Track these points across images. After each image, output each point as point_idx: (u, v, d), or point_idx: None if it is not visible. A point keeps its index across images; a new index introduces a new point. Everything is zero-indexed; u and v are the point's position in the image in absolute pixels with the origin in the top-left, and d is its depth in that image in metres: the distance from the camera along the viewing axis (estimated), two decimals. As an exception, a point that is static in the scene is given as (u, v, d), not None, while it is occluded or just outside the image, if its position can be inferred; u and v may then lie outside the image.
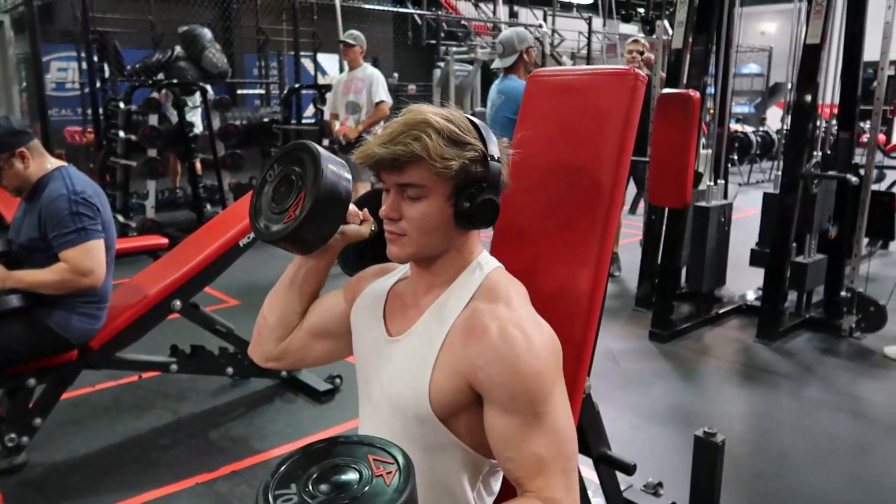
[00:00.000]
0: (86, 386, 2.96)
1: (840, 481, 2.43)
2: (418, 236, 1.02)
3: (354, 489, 0.79)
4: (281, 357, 1.22)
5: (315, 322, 1.21)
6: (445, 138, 0.98)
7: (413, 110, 1.02)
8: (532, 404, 0.95)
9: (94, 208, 2.28)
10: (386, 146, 0.98)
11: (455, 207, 1.01)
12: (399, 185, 1.01)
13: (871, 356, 3.51)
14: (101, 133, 6.12)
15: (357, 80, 5.12)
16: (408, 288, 1.12)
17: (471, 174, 1.00)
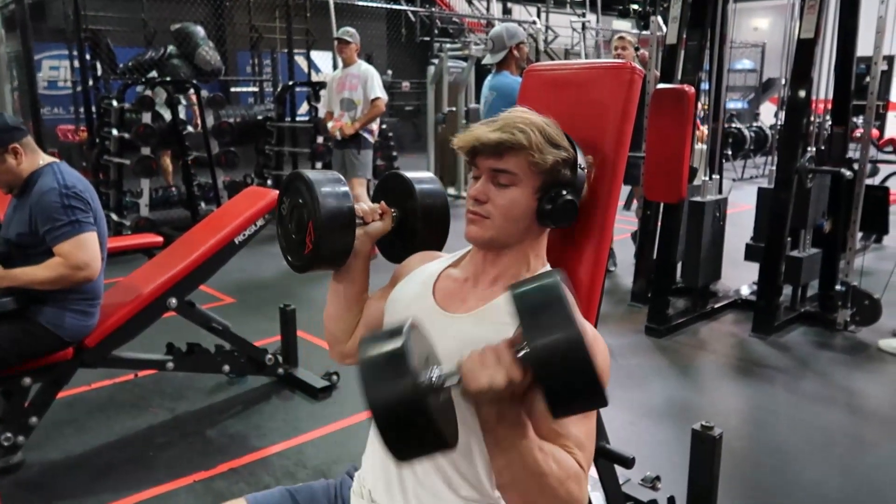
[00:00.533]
0: (81, 385, 2.94)
1: (836, 474, 2.44)
2: (501, 221, 1.11)
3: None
4: (352, 354, 1.31)
5: (370, 319, 1.29)
6: (545, 136, 1.09)
7: (519, 109, 1.14)
8: None
9: (85, 202, 2.26)
10: (495, 132, 1.08)
11: (539, 203, 1.11)
12: (493, 171, 1.10)
13: (865, 349, 3.53)
14: (95, 131, 6.10)
15: (352, 77, 5.10)
16: (465, 273, 1.18)
17: (559, 175, 1.11)
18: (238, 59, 10.65)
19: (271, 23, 9.98)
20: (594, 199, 1.23)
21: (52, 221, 2.19)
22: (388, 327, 0.89)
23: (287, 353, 3.09)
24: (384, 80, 5.37)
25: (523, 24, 11.48)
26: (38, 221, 2.20)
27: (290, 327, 3.10)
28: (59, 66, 9.46)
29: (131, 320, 2.52)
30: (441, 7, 13.05)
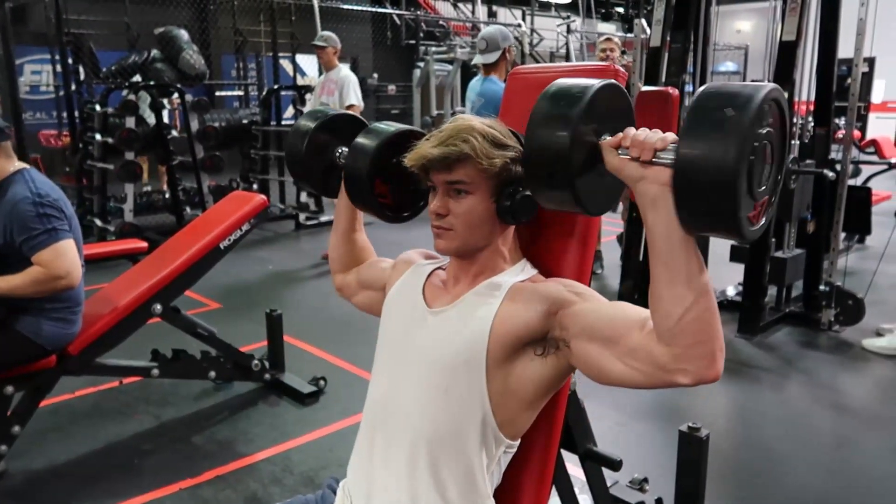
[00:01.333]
0: (65, 392, 2.91)
1: (823, 474, 2.46)
2: (464, 230, 1.15)
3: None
4: (341, 288, 1.51)
5: (364, 275, 1.45)
6: (489, 141, 1.11)
7: (460, 118, 1.16)
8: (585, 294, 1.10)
9: (58, 209, 2.22)
10: (437, 147, 1.11)
11: (497, 203, 1.13)
12: (447, 183, 1.14)
13: (850, 349, 3.56)
14: (78, 136, 6.05)
15: (330, 82, 5.11)
16: (448, 275, 1.24)
17: (511, 173, 1.12)
18: (223, 62, 10.59)
19: (255, 26, 9.94)
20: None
21: (27, 231, 2.15)
22: (573, 89, 0.95)
23: (274, 359, 3.07)
24: (370, 84, 5.37)
25: (508, 26, 11.53)
26: (14, 231, 2.16)
27: (276, 332, 3.08)
28: (41, 71, 9.36)
29: (115, 327, 2.49)
30: (426, 10, 13.06)
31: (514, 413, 1.12)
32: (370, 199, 1.29)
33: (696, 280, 0.89)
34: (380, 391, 1.22)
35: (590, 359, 1.02)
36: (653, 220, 0.90)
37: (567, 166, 0.92)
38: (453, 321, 1.16)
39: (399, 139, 1.27)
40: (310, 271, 5.31)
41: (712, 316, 0.89)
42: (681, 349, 0.89)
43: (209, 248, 2.69)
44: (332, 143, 1.41)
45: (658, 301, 0.91)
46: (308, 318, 3.93)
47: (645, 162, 0.89)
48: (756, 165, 0.83)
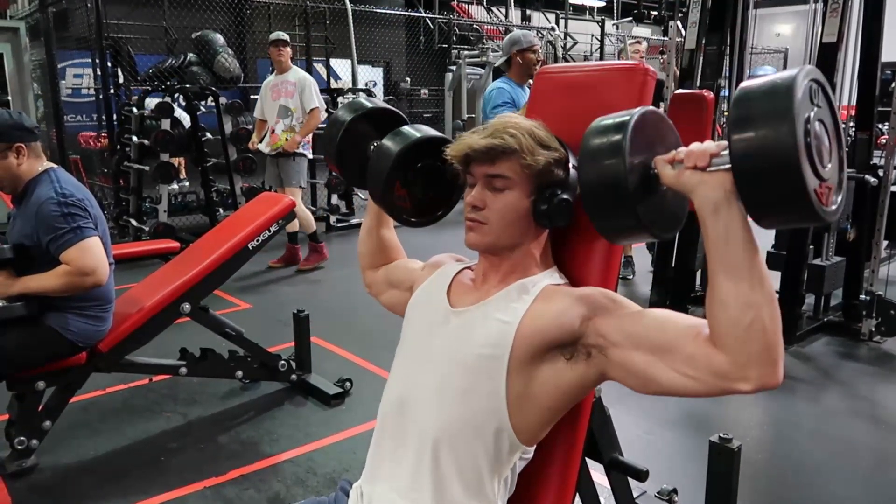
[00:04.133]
0: (96, 389, 2.95)
1: (860, 490, 2.37)
2: (498, 226, 1.13)
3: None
4: (370, 285, 1.51)
5: (393, 274, 1.45)
6: (535, 139, 1.12)
7: (507, 115, 1.17)
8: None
9: (82, 208, 2.25)
10: (484, 139, 1.11)
11: (535, 204, 1.13)
12: (488, 176, 1.13)
13: (891, 361, 3.44)
14: (115, 138, 6.17)
15: (287, 84, 5.05)
16: (477, 273, 1.23)
17: (552, 175, 1.13)
18: (258, 66, 10.72)
19: (291, 30, 10.06)
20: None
21: (53, 231, 2.19)
22: (615, 120, 0.97)
23: (300, 359, 3.08)
24: (402, 88, 5.36)
25: (542, 30, 11.47)
26: (41, 232, 2.20)
27: (303, 333, 3.09)
28: (82, 74, 9.59)
29: (144, 325, 2.52)
30: (459, 14, 13.07)
31: (531, 420, 1.09)
32: (388, 199, 1.29)
33: (762, 285, 0.88)
34: (396, 391, 1.21)
35: (634, 367, 0.98)
36: (714, 226, 0.88)
37: (624, 191, 0.91)
38: (478, 320, 1.13)
39: (425, 145, 1.27)
40: (339, 273, 5.33)
41: (777, 321, 0.88)
42: (745, 357, 0.87)
43: (238, 249, 2.71)
44: (368, 135, 1.40)
45: (722, 308, 0.88)
46: (336, 320, 3.93)
47: (702, 169, 0.89)
48: (815, 144, 0.82)
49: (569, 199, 1.13)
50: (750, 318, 0.86)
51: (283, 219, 2.87)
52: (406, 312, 1.28)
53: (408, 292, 1.35)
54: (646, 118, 0.96)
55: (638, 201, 0.93)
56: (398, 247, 1.51)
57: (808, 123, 0.81)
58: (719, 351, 0.89)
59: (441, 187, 1.32)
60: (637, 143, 0.93)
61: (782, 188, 0.80)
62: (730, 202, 0.86)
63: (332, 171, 6.60)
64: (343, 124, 1.39)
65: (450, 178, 1.30)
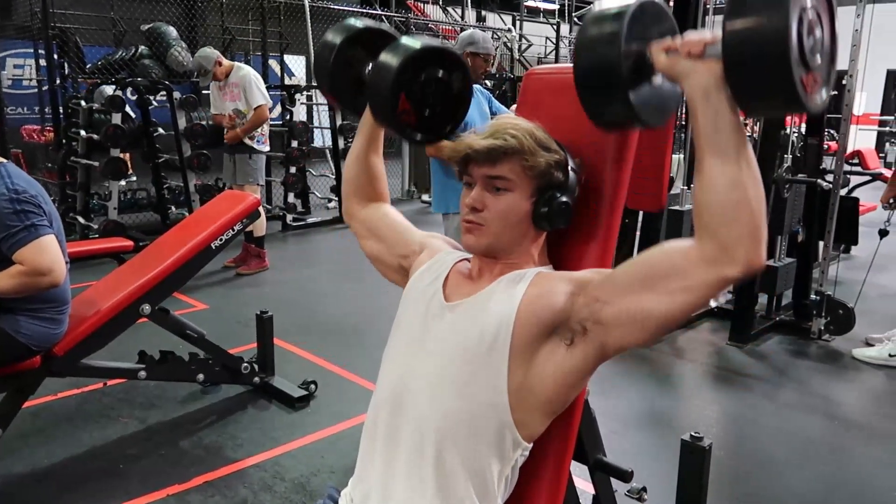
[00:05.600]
0: (47, 394, 2.83)
1: (819, 483, 2.45)
2: (498, 227, 1.12)
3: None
4: (351, 216, 1.44)
5: (380, 225, 1.39)
6: (536, 140, 1.11)
7: (506, 116, 1.17)
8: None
9: (36, 205, 2.13)
10: (486, 139, 1.10)
11: (534, 206, 1.12)
12: (488, 178, 1.12)
13: (840, 358, 3.57)
14: (62, 132, 5.93)
15: (232, 87, 4.96)
16: (473, 267, 1.20)
17: (552, 178, 1.12)
18: (210, 61, 10.46)
19: (244, 25, 9.85)
20: (599, 204, 1.21)
21: (6, 229, 2.06)
22: (613, 7, 0.96)
23: (263, 362, 3.01)
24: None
25: (498, 31, 11.54)
26: None
27: (266, 334, 3.02)
28: (23, 65, 9.21)
29: (103, 327, 2.42)
30: (415, 13, 13.03)
31: (532, 413, 1.08)
32: (391, 115, 1.24)
33: (749, 166, 0.90)
34: (390, 385, 1.17)
35: (629, 313, 0.99)
36: (704, 111, 0.91)
37: (618, 77, 0.93)
38: (474, 311, 1.12)
39: (427, 55, 1.23)
40: (297, 273, 5.25)
41: (762, 202, 0.91)
42: (734, 237, 0.90)
43: (200, 248, 2.63)
44: (361, 57, 1.35)
45: (711, 191, 0.91)
46: (297, 321, 3.87)
47: (695, 56, 0.91)
48: (806, 32, 0.83)
49: (568, 201, 1.13)
50: (737, 197, 0.90)
51: (248, 217, 2.80)
52: (401, 301, 1.25)
53: (395, 258, 1.34)
54: (644, 7, 0.96)
55: (630, 88, 0.94)
56: (384, 178, 1.46)
57: (804, 12, 0.82)
58: (706, 240, 0.92)
59: (447, 101, 1.28)
60: (634, 31, 0.94)
61: (769, 75, 0.82)
62: (719, 88, 0.89)
63: (289, 167, 6.50)
64: (334, 48, 1.31)
65: (456, 91, 1.27)
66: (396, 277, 1.34)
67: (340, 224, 6.95)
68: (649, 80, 0.97)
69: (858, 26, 3.49)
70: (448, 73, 1.26)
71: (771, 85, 0.83)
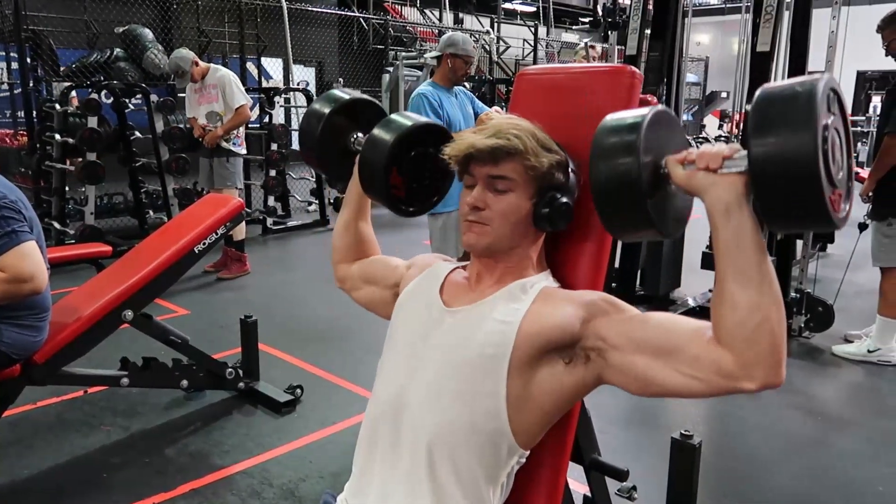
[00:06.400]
0: (26, 403, 2.77)
1: (804, 477, 2.48)
2: (499, 227, 1.12)
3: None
4: (343, 279, 1.45)
5: (369, 270, 1.41)
6: (538, 141, 1.11)
7: (507, 116, 1.17)
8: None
9: (16, 210, 2.08)
10: (489, 139, 1.09)
11: (535, 207, 1.12)
12: (490, 177, 1.11)
13: (820, 355, 3.62)
14: (36, 136, 5.82)
15: (209, 88, 4.91)
16: (471, 273, 1.20)
17: (553, 179, 1.12)
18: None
19: (220, 27, 9.76)
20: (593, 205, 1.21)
21: None
22: (628, 118, 0.97)
23: (248, 367, 2.98)
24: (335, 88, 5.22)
25: (475, 33, 11.56)
26: None
27: (251, 339, 2.99)
28: (-6, 68, 9.03)
29: (84, 334, 2.37)
30: (392, 15, 13.02)
31: (529, 422, 1.08)
32: (384, 190, 1.26)
33: (771, 288, 0.89)
34: (387, 393, 1.16)
35: (635, 370, 0.98)
36: (725, 228, 0.89)
37: (637, 189, 0.92)
38: (476, 320, 1.11)
39: (418, 132, 1.26)
40: (279, 277, 5.21)
41: (783, 323, 0.89)
42: (752, 356, 0.88)
43: (184, 252, 2.60)
44: (347, 127, 1.38)
45: (731, 311, 0.89)
46: (280, 325, 3.83)
47: (713, 171, 0.90)
48: (830, 152, 0.83)
49: (569, 202, 1.13)
50: (758, 319, 0.88)
51: (232, 221, 2.77)
52: (394, 312, 1.24)
53: (387, 290, 1.33)
54: (658, 117, 0.96)
55: (649, 198, 0.93)
56: (374, 241, 1.48)
57: (826, 131, 0.82)
58: (725, 351, 0.90)
59: (435, 174, 1.31)
60: (649, 142, 0.93)
61: (800, 195, 0.81)
62: (741, 205, 0.88)
63: (269, 171, 6.45)
64: (322, 118, 1.35)
65: (443, 165, 1.27)
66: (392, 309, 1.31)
67: (321, 227, 6.91)
68: (665, 191, 0.97)
69: (834, 28, 3.55)
70: (436, 147, 1.27)
71: (802, 205, 0.83)
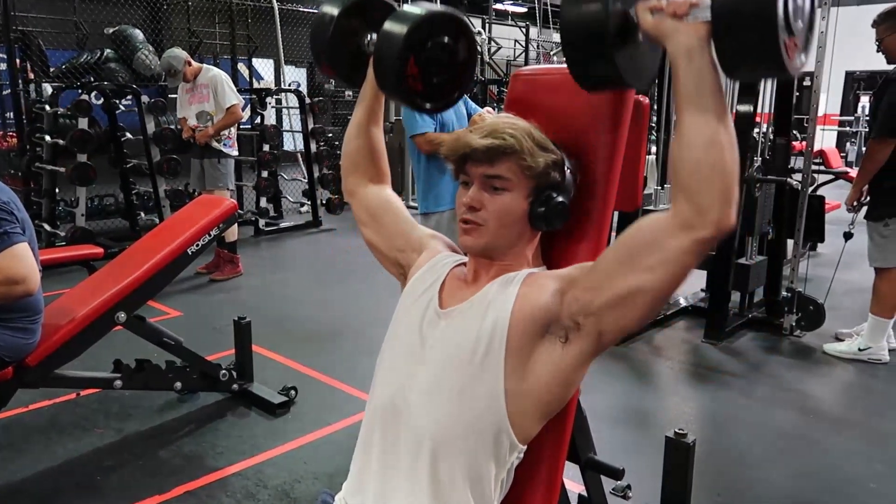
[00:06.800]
0: (18, 406, 2.76)
1: (797, 475, 2.49)
2: (496, 227, 1.12)
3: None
4: (352, 192, 1.40)
5: (381, 210, 1.36)
6: (534, 140, 1.11)
7: (504, 116, 1.17)
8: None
9: (8, 212, 2.08)
10: (484, 138, 1.09)
11: (531, 206, 1.12)
12: (486, 177, 1.11)
13: (812, 353, 3.64)
14: (25, 137, 5.78)
15: (201, 88, 4.90)
16: (469, 271, 1.20)
17: (550, 178, 1.12)
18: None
19: (210, 28, 9.72)
20: (591, 204, 1.22)
21: None
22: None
23: (242, 368, 2.97)
24: (326, 90, 5.23)
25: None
26: None
27: (245, 340, 2.98)
28: (-17, 69, 8.96)
29: (77, 336, 2.36)
30: (384, 16, 12.98)
31: (528, 416, 1.08)
32: (400, 81, 1.21)
33: (727, 127, 0.92)
34: (386, 393, 1.15)
35: (618, 295, 0.99)
36: (686, 71, 0.92)
37: (604, 36, 0.94)
38: (468, 317, 1.12)
39: (433, 21, 1.21)
40: (271, 278, 5.20)
41: (736, 164, 0.93)
42: (707, 198, 0.91)
43: (177, 254, 2.59)
44: (359, 29, 1.33)
45: (689, 149, 0.93)
46: (273, 326, 3.82)
47: (679, 17, 0.93)
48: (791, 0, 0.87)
49: (565, 202, 1.13)
50: (714, 156, 0.91)
51: (225, 222, 2.76)
52: (398, 306, 1.24)
53: (394, 252, 1.32)
54: None
55: (616, 47, 0.95)
56: (384, 153, 1.43)
57: None
58: (682, 203, 0.94)
59: (453, 67, 1.27)
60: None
61: (755, 35, 0.85)
62: (703, 49, 0.91)
63: (261, 172, 6.43)
64: (333, 19, 1.29)
65: (462, 58, 1.26)
66: (393, 270, 1.33)
67: (313, 228, 6.90)
68: (633, 42, 0.99)
69: (824, 28, 3.57)
70: (454, 40, 1.25)
71: (757, 48, 0.87)
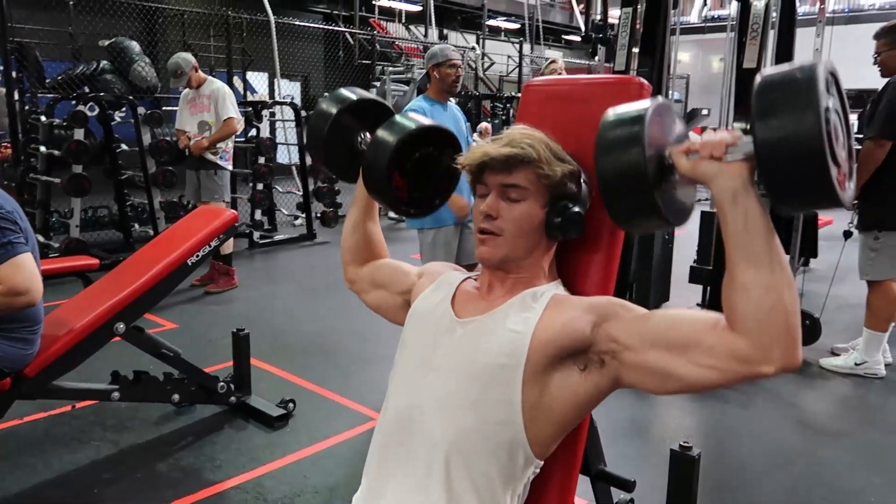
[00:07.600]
0: (14, 418, 2.72)
1: (796, 488, 2.49)
2: (513, 236, 1.12)
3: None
4: (353, 281, 1.45)
5: (380, 274, 1.40)
6: (551, 150, 1.13)
7: (520, 126, 1.18)
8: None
9: (12, 222, 2.07)
10: (503, 147, 1.11)
11: (547, 216, 1.13)
12: (503, 186, 1.12)
13: (808, 368, 3.65)
14: (20, 148, 5.76)
15: (203, 98, 4.93)
16: (482, 283, 1.20)
17: (566, 188, 1.13)
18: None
19: (205, 41, 9.74)
20: (603, 214, 1.22)
21: None
22: (631, 111, 0.98)
23: (240, 381, 2.95)
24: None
25: (460, 48, 11.64)
26: None
27: (243, 353, 2.96)
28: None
29: (76, 347, 2.34)
30: (379, 31, 13.08)
31: (545, 432, 1.08)
32: (387, 191, 1.27)
33: (782, 268, 0.90)
34: (400, 403, 1.15)
35: (651, 368, 0.99)
36: (733, 214, 0.91)
37: (644, 180, 0.93)
38: (487, 329, 1.11)
39: (422, 134, 1.26)
40: (266, 290, 5.17)
41: (797, 303, 0.90)
42: (768, 339, 0.89)
43: (177, 265, 2.58)
44: (355, 127, 1.38)
45: (744, 294, 0.90)
46: (270, 339, 3.80)
47: (717, 159, 0.91)
48: (833, 132, 0.85)
49: (581, 212, 1.14)
50: (772, 301, 0.88)
51: (225, 233, 2.76)
52: (406, 321, 1.24)
53: (398, 296, 1.34)
54: (659, 109, 0.98)
55: (656, 188, 0.95)
56: (382, 242, 1.47)
57: (828, 112, 0.84)
58: (741, 337, 0.91)
59: (438, 176, 1.32)
60: (652, 133, 0.95)
61: (808, 175, 0.83)
62: (747, 190, 0.89)
63: (256, 184, 6.43)
64: (330, 117, 1.34)
65: (446, 167, 1.29)
66: (403, 315, 1.30)
67: (307, 241, 6.89)
68: (670, 182, 0.98)
69: (818, 45, 3.62)
70: (439, 150, 1.28)
71: (809, 186, 0.84)
